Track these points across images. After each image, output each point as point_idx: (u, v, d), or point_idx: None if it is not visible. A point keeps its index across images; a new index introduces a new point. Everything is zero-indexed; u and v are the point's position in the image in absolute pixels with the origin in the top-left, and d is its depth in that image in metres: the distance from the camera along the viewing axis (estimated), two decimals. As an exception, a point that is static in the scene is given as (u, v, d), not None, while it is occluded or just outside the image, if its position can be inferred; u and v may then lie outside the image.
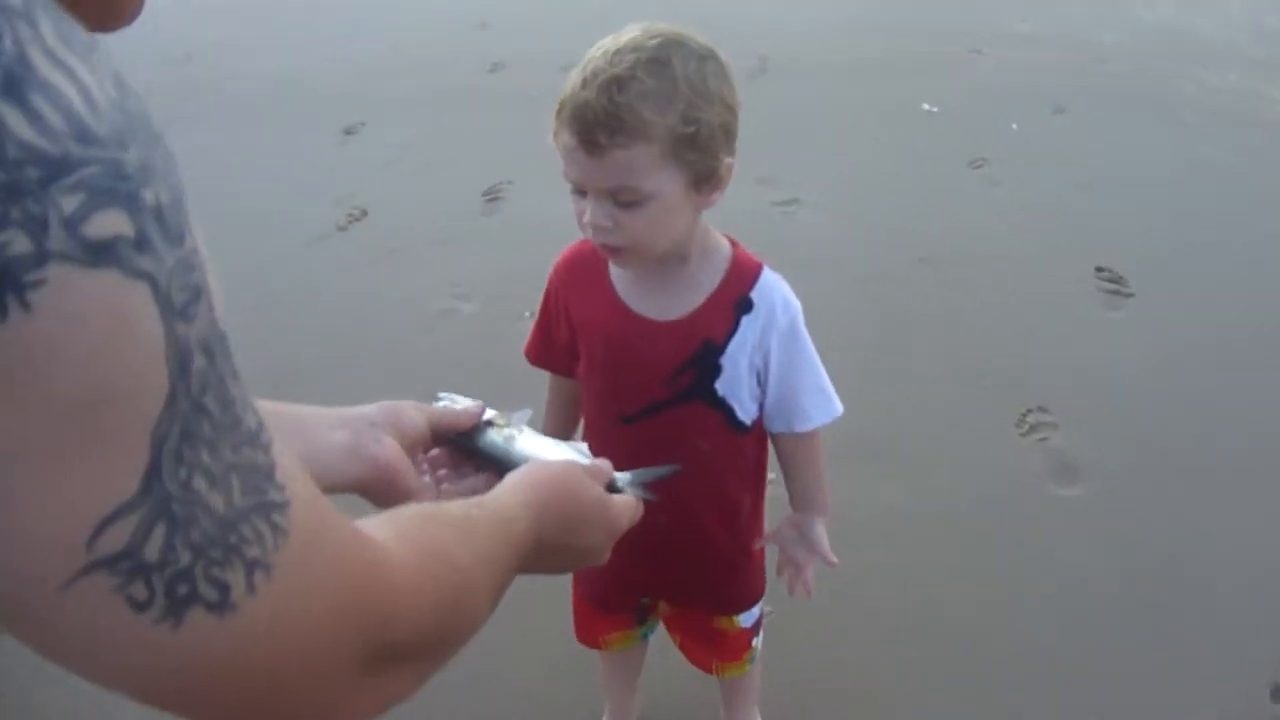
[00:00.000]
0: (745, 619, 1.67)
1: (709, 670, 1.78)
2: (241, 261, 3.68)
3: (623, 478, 1.01)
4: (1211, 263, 3.54)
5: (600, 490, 0.90)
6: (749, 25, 5.62)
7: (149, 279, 0.38)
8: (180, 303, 0.40)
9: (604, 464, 0.98)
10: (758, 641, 1.74)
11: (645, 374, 1.38)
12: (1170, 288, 3.39)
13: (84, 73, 0.37)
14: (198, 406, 0.42)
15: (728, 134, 1.24)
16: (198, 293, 0.42)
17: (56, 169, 0.35)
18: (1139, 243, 3.64)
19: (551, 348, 1.52)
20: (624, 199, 1.21)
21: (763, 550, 1.63)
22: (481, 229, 3.95)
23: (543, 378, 1.61)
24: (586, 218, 1.24)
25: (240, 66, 5.94)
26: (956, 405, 2.86)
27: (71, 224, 0.35)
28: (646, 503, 1.31)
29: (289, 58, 6.01)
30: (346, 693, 0.52)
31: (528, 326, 3.38)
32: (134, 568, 0.40)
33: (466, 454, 1.00)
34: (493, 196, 4.14)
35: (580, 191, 1.25)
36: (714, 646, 1.73)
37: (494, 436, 0.99)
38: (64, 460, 0.37)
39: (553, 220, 3.73)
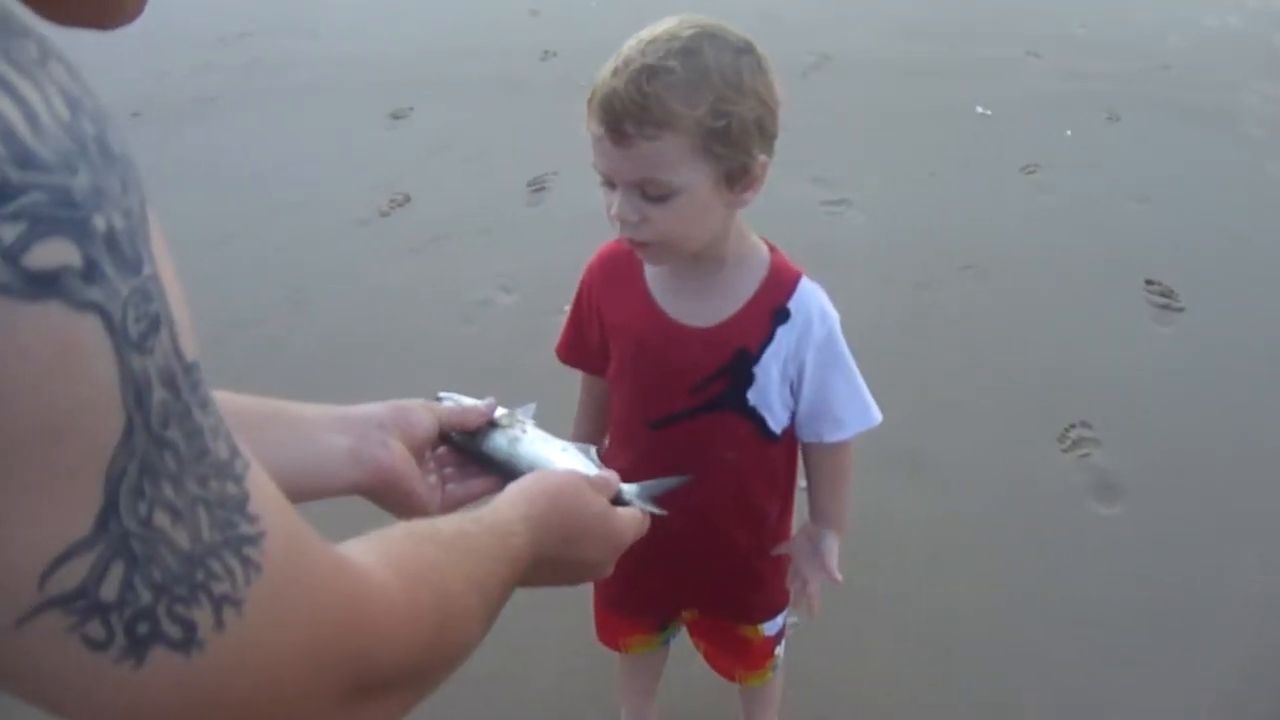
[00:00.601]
0: (769, 628, 1.65)
1: (731, 678, 1.77)
2: (282, 244, 3.71)
3: (630, 490, 0.98)
4: (1266, 282, 3.44)
5: (603, 503, 0.88)
6: (808, 21, 5.57)
7: (99, 310, 0.36)
8: (137, 333, 0.38)
9: (610, 475, 0.95)
10: (780, 650, 1.72)
11: (675, 379, 1.36)
12: (1222, 305, 3.30)
13: (29, 92, 0.35)
14: (159, 440, 0.40)
15: (762, 130, 1.20)
16: (156, 322, 0.40)
17: None
18: (1192, 257, 3.56)
19: (583, 347, 1.49)
20: (652, 192, 1.18)
21: (788, 559, 1.59)
22: (525, 219, 3.94)
23: (576, 375, 1.59)
24: (614, 210, 1.22)
25: (291, 48, 5.97)
26: (997, 417, 2.81)
27: (10, 255, 0.33)
28: (670, 509, 1.28)
29: (341, 41, 6.04)
30: (365, 693, 0.51)
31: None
32: (89, 606, 0.38)
33: (471, 454, 0.99)
34: (538, 187, 4.13)
35: (609, 183, 1.22)
36: (737, 654, 1.71)
37: (498, 439, 0.98)
38: (13, 500, 0.36)
39: (597, 213, 3.72)
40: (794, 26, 5.36)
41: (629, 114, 1.13)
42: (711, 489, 1.39)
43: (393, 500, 0.88)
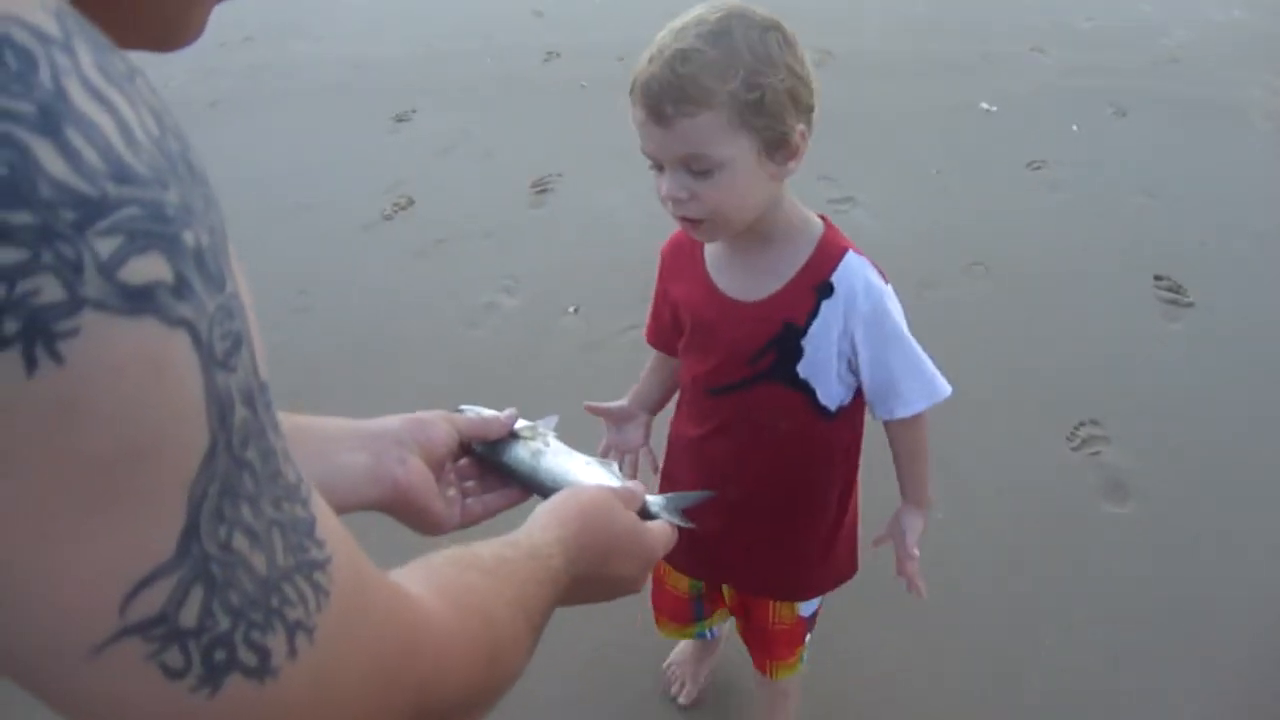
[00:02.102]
0: (805, 608, 1.68)
1: (763, 670, 1.80)
2: (286, 249, 3.71)
3: (656, 502, 0.97)
4: (1276, 276, 3.42)
5: (633, 518, 0.87)
6: (812, 19, 5.53)
7: (189, 326, 0.36)
8: (222, 351, 0.38)
9: (636, 487, 0.94)
10: (809, 639, 1.75)
11: (731, 351, 1.42)
12: (1232, 300, 3.28)
13: (124, 107, 0.35)
14: (239, 460, 0.39)
15: (796, 101, 1.26)
16: (239, 340, 0.40)
17: (93, 211, 0.33)
18: (1200, 252, 3.54)
19: (662, 330, 1.58)
20: (697, 168, 1.24)
21: (841, 548, 1.63)
22: (529, 221, 3.93)
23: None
24: (664, 190, 1.28)
25: (294, 52, 5.98)
26: (1006, 415, 2.79)
27: (108, 269, 0.33)
28: (724, 475, 1.47)
29: (343, 45, 6.04)
30: None
31: (571, 323, 3.41)
32: (169, 633, 0.37)
33: (492, 466, 0.98)
34: (541, 189, 4.12)
35: (658, 167, 1.29)
36: (769, 637, 1.74)
37: (520, 451, 0.97)
38: (95, 521, 0.35)
39: (601, 215, 3.77)
40: (797, 24, 5.28)
41: (667, 95, 1.20)
42: (764, 459, 1.48)
43: (411, 517, 0.87)
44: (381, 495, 0.84)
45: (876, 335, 1.37)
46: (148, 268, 0.34)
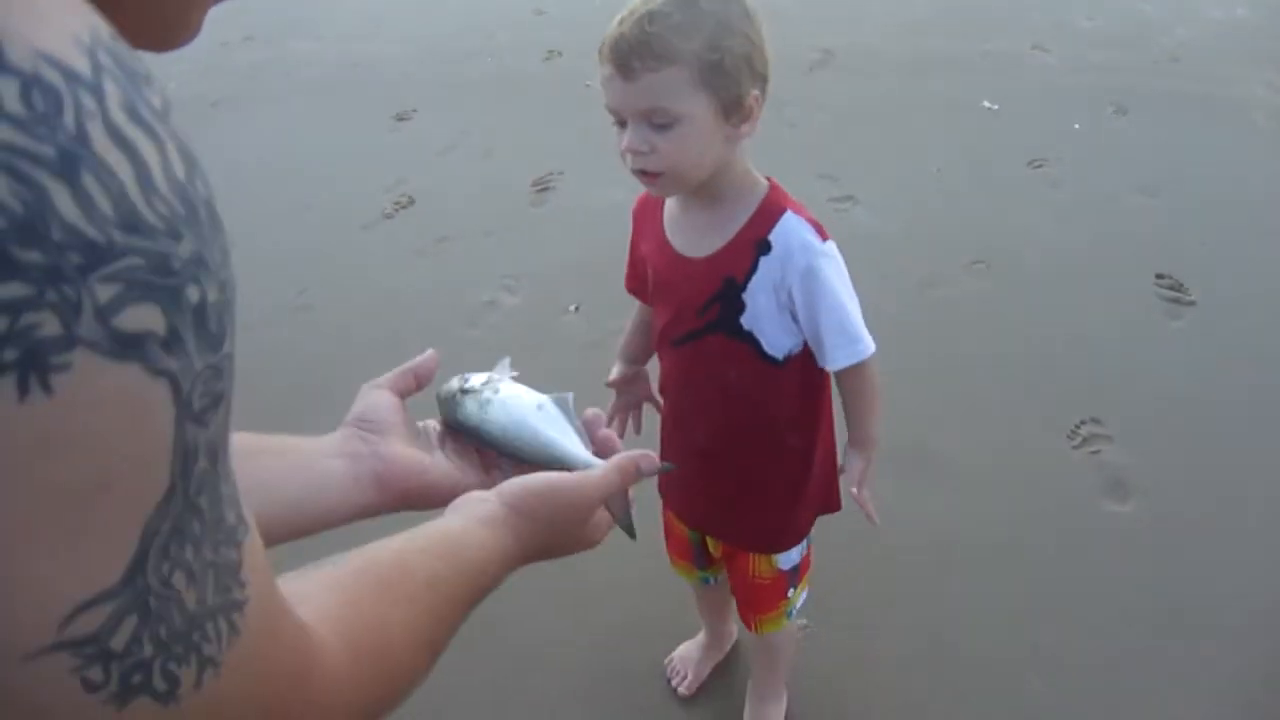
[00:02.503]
0: (783, 561, 1.73)
1: (750, 626, 1.85)
2: (288, 248, 3.71)
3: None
4: (1277, 274, 3.41)
5: (576, 493, 0.83)
6: (812, 17, 5.54)
7: (171, 379, 0.38)
8: (200, 407, 0.40)
9: (593, 459, 0.93)
10: (794, 595, 1.78)
11: (684, 304, 1.53)
12: (1233, 298, 3.28)
13: (147, 150, 0.36)
14: (192, 506, 0.42)
15: (751, 67, 1.36)
16: (219, 400, 0.42)
17: (98, 257, 0.34)
18: (1202, 250, 3.53)
19: (638, 278, 1.68)
20: (658, 120, 1.33)
21: (809, 491, 1.68)
22: (530, 219, 3.93)
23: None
24: (625, 143, 1.36)
25: (295, 51, 5.98)
26: (1006, 414, 2.79)
27: (104, 314, 0.35)
28: (689, 428, 1.61)
29: (344, 44, 6.04)
30: None
31: (572, 321, 3.41)
32: (97, 653, 0.40)
33: (451, 429, 0.95)
34: (542, 187, 4.12)
35: (621, 123, 1.37)
36: (751, 591, 1.79)
37: (469, 406, 0.94)
38: (54, 542, 0.37)
39: (602, 212, 3.76)
40: (798, 23, 5.32)
41: (634, 51, 1.30)
42: (722, 407, 1.59)
43: (422, 500, 0.86)
44: (377, 496, 0.84)
45: (808, 290, 1.44)
46: (141, 317, 0.36)
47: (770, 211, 1.46)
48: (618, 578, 2.27)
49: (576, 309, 3.19)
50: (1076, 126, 4.52)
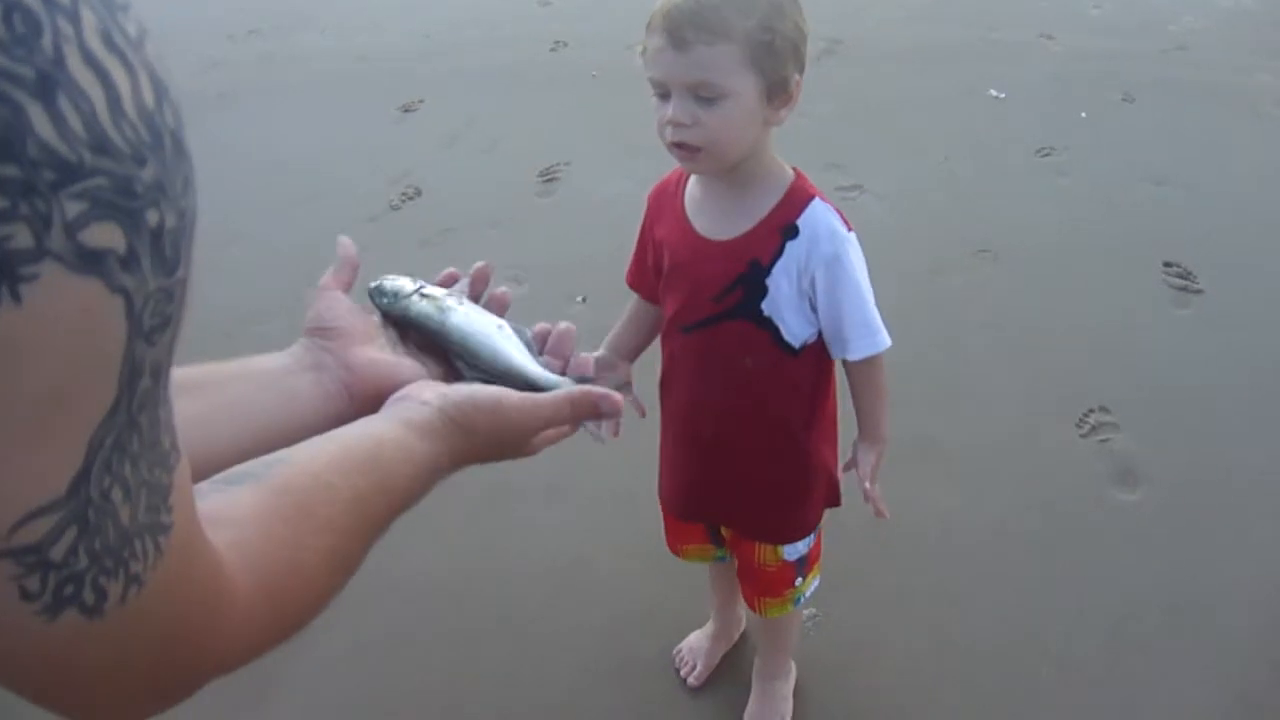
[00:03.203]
0: (789, 552, 1.72)
1: (754, 608, 1.85)
2: (294, 239, 3.71)
3: (564, 386, 0.90)
4: (1286, 262, 3.41)
5: (517, 410, 0.82)
6: (819, 7, 5.50)
7: (126, 295, 0.40)
8: (149, 326, 0.42)
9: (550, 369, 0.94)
10: (802, 585, 1.78)
11: (702, 289, 1.51)
12: (1241, 286, 3.27)
13: (118, 76, 0.38)
14: (134, 422, 0.43)
15: (797, 54, 1.37)
16: (167, 322, 0.43)
17: (68, 174, 0.36)
18: (1210, 239, 3.52)
19: (643, 272, 1.66)
20: (705, 94, 1.33)
21: (818, 485, 1.68)
22: (536, 210, 3.93)
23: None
24: (668, 115, 1.35)
25: (301, 44, 5.97)
26: (1014, 402, 2.79)
27: (71, 229, 0.36)
28: (695, 418, 1.60)
29: (350, 36, 6.03)
30: (184, 685, 0.56)
31: (579, 311, 3.40)
32: (37, 562, 0.41)
33: (401, 324, 0.93)
34: (549, 178, 4.12)
35: (663, 95, 1.37)
36: (757, 578, 1.79)
37: (427, 308, 0.92)
38: (11, 449, 0.39)
39: (609, 202, 3.76)
40: (806, 12, 5.30)
41: (689, 21, 1.29)
42: (735, 396, 1.57)
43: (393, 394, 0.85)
44: (350, 406, 0.83)
45: (832, 278, 1.45)
46: (104, 235, 0.38)
47: (798, 197, 1.47)
48: (625, 567, 2.28)
49: (584, 300, 3.19)
50: (1084, 115, 4.50)
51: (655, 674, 2.11)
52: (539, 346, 0.95)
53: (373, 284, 0.96)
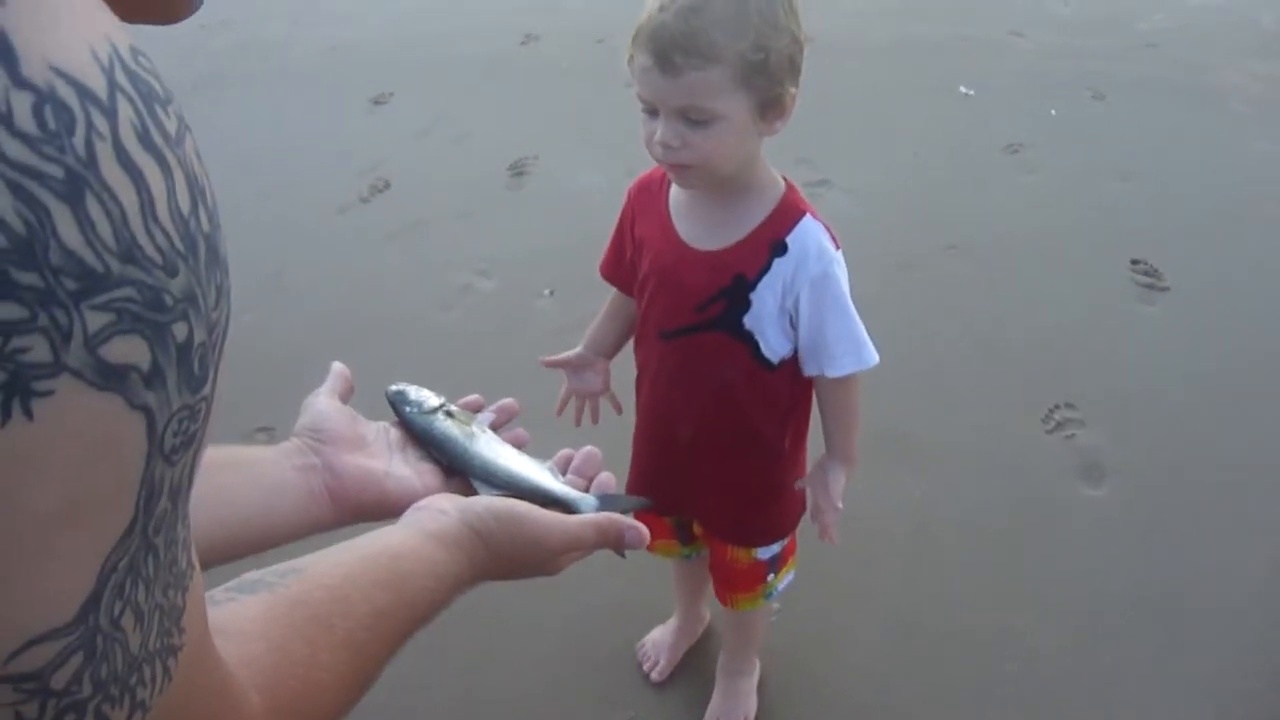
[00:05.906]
0: (761, 552, 1.72)
1: (724, 601, 1.85)
2: (263, 232, 3.67)
3: (587, 503, 0.92)
4: (1252, 260, 3.43)
5: (543, 528, 0.81)
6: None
7: (148, 414, 0.37)
8: (170, 447, 0.39)
9: (573, 493, 0.92)
10: (774, 580, 1.78)
11: (684, 297, 1.47)
12: (1208, 283, 3.29)
13: (153, 178, 0.36)
14: (149, 545, 0.41)
15: (793, 65, 1.34)
16: (190, 441, 0.41)
17: (93, 284, 0.34)
18: (1178, 236, 3.54)
19: (620, 264, 1.62)
20: (694, 117, 1.29)
21: (793, 493, 1.67)
22: (506, 203, 3.90)
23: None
24: (657, 137, 1.32)
25: (273, 35, 5.91)
26: (981, 398, 2.80)
27: (92, 343, 0.34)
28: (671, 424, 1.57)
29: (322, 27, 5.97)
30: None
31: (547, 305, 3.39)
32: (37, 690, 0.39)
33: (418, 439, 0.93)
34: (518, 171, 4.09)
35: (651, 112, 1.33)
36: (728, 574, 1.79)
37: (453, 429, 0.92)
38: (16, 571, 0.36)
39: (578, 196, 3.75)
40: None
41: (678, 45, 1.24)
42: (711, 406, 1.55)
43: (377, 513, 0.85)
44: (332, 512, 0.83)
45: (820, 297, 1.42)
46: (128, 350, 0.35)
47: (789, 212, 1.44)
48: (588, 561, 2.26)
49: (551, 293, 3.17)
50: (1053, 112, 4.52)
51: (618, 669, 2.10)
52: (560, 469, 0.96)
53: (394, 388, 0.96)
